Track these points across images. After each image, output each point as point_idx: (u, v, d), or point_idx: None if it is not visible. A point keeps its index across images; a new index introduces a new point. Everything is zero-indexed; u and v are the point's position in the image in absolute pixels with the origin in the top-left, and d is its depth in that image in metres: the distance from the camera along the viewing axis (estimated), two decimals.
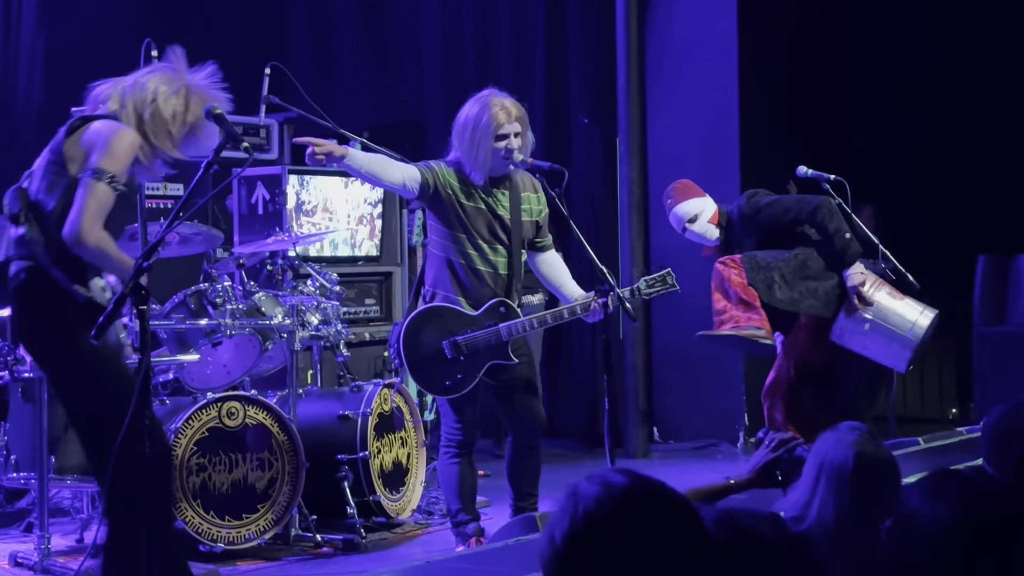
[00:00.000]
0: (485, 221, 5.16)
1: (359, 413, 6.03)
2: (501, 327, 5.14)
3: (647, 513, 1.87)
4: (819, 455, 3.08)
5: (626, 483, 1.89)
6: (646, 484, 1.90)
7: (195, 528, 5.44)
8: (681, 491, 1.96)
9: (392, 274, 7.89)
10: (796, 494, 3.10)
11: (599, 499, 1.87)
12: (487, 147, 5.10)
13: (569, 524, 1.86)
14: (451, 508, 5.37)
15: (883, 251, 6.18)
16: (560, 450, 7.85)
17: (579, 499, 1.88)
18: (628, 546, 1.84)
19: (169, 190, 7.57)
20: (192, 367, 5.87)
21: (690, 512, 1.91)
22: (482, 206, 5.16)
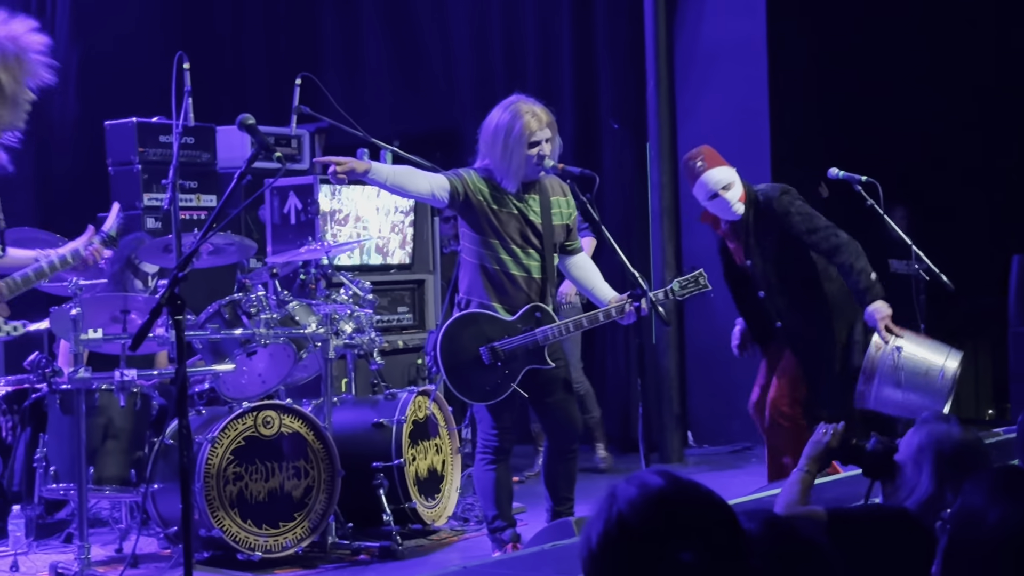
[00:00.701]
0: (517, 226, 5.17)
1: (394, 421, 6.05)
2: (537, 332, 5.15)
3: (680, 515, 1.88)
4: (930, 446, 3.13)
5: (662, 485, 1.90)
6: (681, 486, 1.91)
7: (232, 537, 5.47)
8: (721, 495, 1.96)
9: (424, 282, 7.92)
10: (920, 488, 3.13)
11: (634, 501, 1.88)
12: (520, 155, 5.11)
13: (603, 525, 1.88)
14: (487, 514, 5.37)
15: (916, 252, 6.15)
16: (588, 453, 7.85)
17: (615, 500, 1.89)
18: (660, 548, 1.85)
19: (202, 201, 7.63)
20: (227, 377, 5.90)
21: (725, 514, 1.92)
22: (514, 211, 5.18)
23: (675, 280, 5.36)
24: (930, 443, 3.18)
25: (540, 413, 5.37)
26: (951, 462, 3.13)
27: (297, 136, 8.07)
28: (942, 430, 3.20)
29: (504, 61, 9.09)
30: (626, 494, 1.90)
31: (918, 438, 3.21)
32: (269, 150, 4.10)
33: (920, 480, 3.16)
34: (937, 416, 3.29)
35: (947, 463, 3.13)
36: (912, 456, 3.21)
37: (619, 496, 1.91)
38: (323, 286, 6.38)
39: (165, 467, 5.59)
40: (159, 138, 7.52)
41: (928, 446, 3.18)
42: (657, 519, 1.86)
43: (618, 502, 1.89)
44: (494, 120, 5.19)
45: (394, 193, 5.34)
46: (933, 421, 3.26)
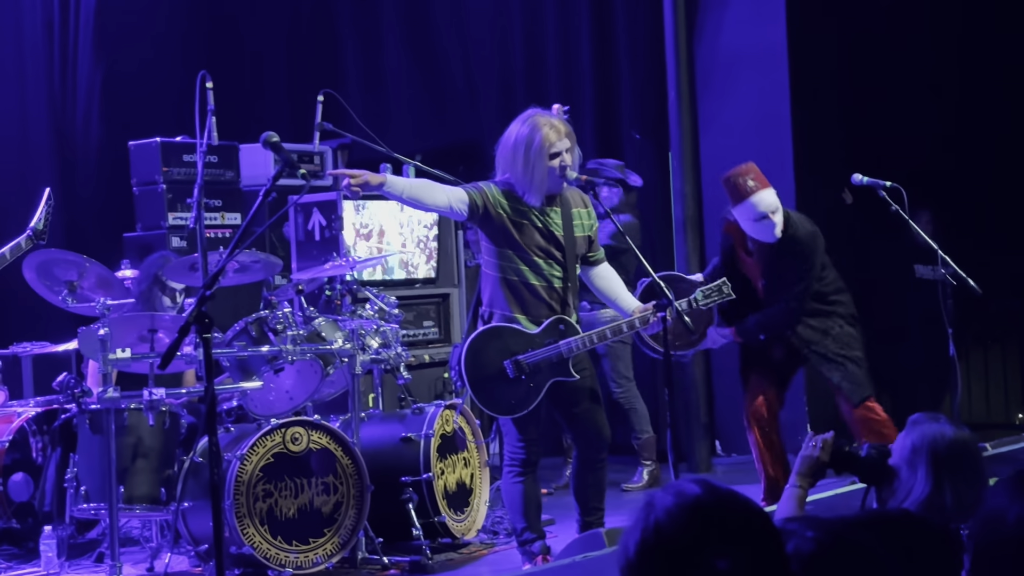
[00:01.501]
0: (539, 238, 5.17)
1: (422, 435, 6.05)
2: (561, 344, 5.15)
3: (717, 524, 1.88)
4: (925, 446, 3.14)
5: (698, 493, 1.91)
6: (719, 494, 1.91)
7: (263, 554, 5.48)
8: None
9: (450, 296, 7.93)
10: (916, 489, 3.14)
11: (671, 510, 1.89)
12: (543, 167, 5.10)
13: (641, 534, 1.89)
14: (516, 527, 5.37)
15: (942, 257, 6.13)
16: (620, 465, 7.82)
17: (653, 509, 1.91)
18: (696, 556, 1.85)
19: (227, 219, 7.66)
20: (255, 394, 5.92)
21: (763, 522, 1.92)
22: (536, 224, 5.18)
23: (698, 289, 5.35)
24: (923, 443, 3.19)
25: (568, 423, 5.36)
26: (945, 460, 3.15)
27: (320, 152, 8.09)
28: (934, 429, 3.21)
29: (525, 73, 9.10)
30: (663, 503, 1.91)
31: (911, 439, 3.22)
32: (293, 167, 4.12)
33: (916, 481, 3.17)
34: (928, 416, 3.29)
35: (941, 462, 3.15)
36: (906, 458, 3.22)
37: (656, 505, 1.92)
38: (349, 302, 6.39)
39: (195, 485, 5.60)
40: (183, 157, 7.56)
41: (922, 446, 3.19)
42: (693, 527, 1.87)
43: (655, 511, 1.91)
44: (513, 134, 5.19)
45: (411, 206, 5.34)
46: (924, 421, 3.26)
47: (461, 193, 5.17)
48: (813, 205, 8.06)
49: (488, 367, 5.15)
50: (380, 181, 5.05)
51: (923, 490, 3.16)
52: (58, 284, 6.25)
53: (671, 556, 1.87)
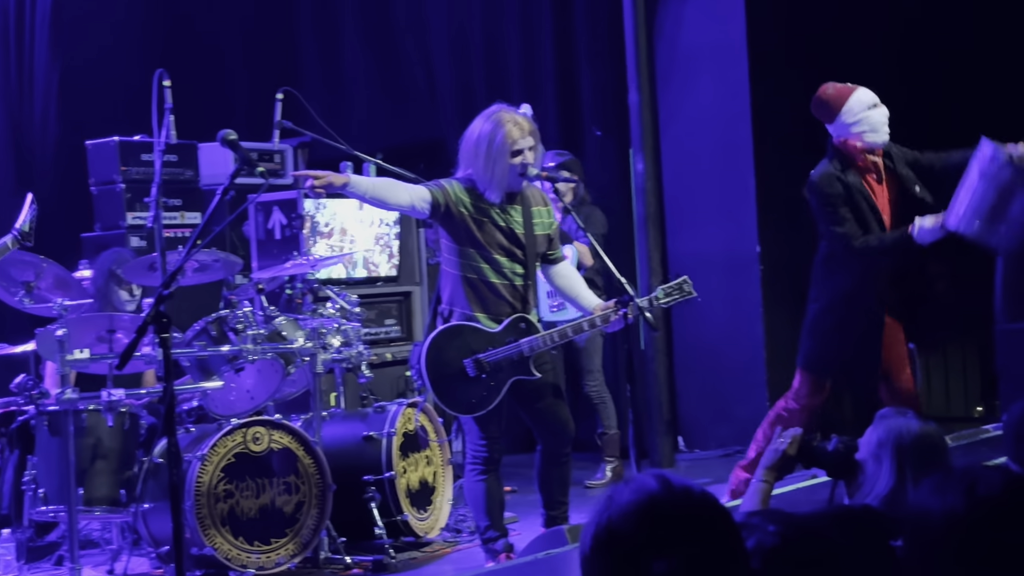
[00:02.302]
0: (499, 236, 5.17)
1: (384, 433, 6.03)
2: (523, 343, 5.14)
3: (664, 523, 1.89)
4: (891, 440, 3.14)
5: (654, 491, 1.91)
6: (674, 493, 1.91)
7: (225, 554, 5.45)
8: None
9: (411, 294, 7.91)
10: (880, 483, 3.15)
11: (625, 506, 1.89)
12: (504, 164, 5.10)
13: (595, 529, 1.89)
14: (479, 525, 5.37)
15: None
16: (584, 463, 7.83)
17: (611, 504, 1.91)
18: (637, 557, 1.86)
19: (186, 219, 7.61)
20: (215, 394, 5.88)
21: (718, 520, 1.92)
22: (498, 222, 5.17)
23: (659, 288, 5.35)
24: (889, 437, 3.20)
25: (532, 419, 5.36)
26: (910, 455, 3.15)
27: (280, 151, 8.05)
28: (900, 423, 3.22)
29: (486, 71, 9.09)
30: (621, 498, 1.92)
31: (877, 434, 3.23)
32: (252, 165, 4.10)
33: (881, 475, 3.18)
34: (896, 411, 3.30)
35: (906, 456, 3.15)
36: (872, 452, 3.23)
37: (614, 500, 1.93)
38: (310, 300, 6.37)
39: (155, 486, 5.56)
40: (141, 156, 7.50)
41: (887, 440, 3.20)
42: (640, 526, 1.88)
43: (612, 506, 1.91)
44: (476, 130, 5.18)
45: (374, 206, 5.33)
46: (891, 416, 3.27)
47: (423, 191, 5.15)
48: (774, 201, 8.11)
49: (448, 365, 5.14)
50: (343, 181, 5.04)
51: (887, 484, 3.17)
52: (15, 285, 6.19)
53: (616, 554, 1.88)
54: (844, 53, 8.33)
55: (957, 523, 2.07)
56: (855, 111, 5.75)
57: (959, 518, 2.07)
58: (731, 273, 8.19)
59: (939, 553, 2.09)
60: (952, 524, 2.08)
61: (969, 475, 2.14)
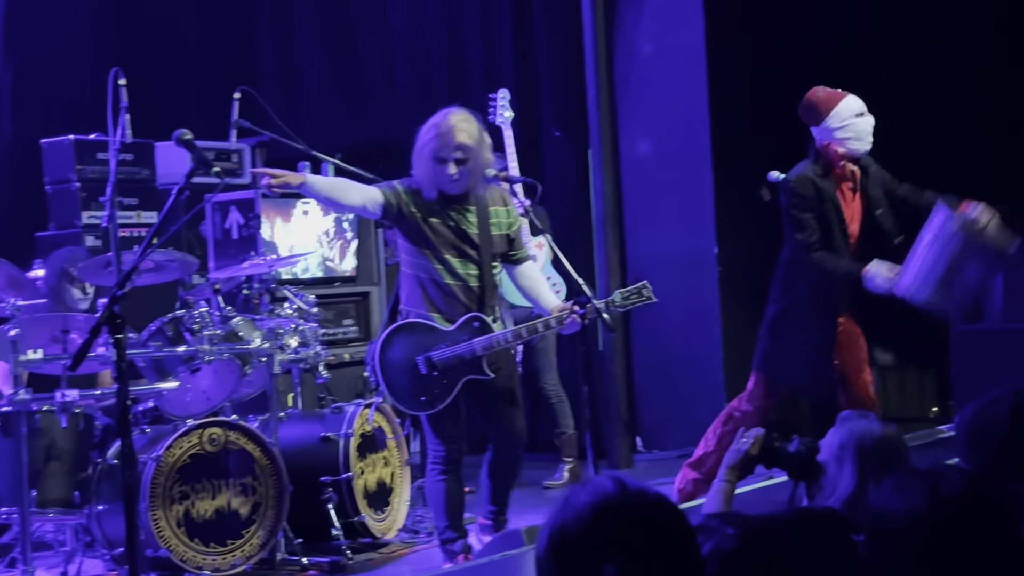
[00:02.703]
0: (452, 237, 5.17)
1: (341, 434, 6.01)
2: (475, 342, 5.14)
3: (617, 527, 1.89)
4: (852, 442, 3.15)
5: (610, 495, 1.91)
6: (629, 496, 1.92)
7: (180, 556, 5.41)
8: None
9: (369, 294, 7.88)
10: (841, 486, 3.16)
11: (582, 507, 1.89)
12: (430, 168, 5.12)
13: (548, 531, 1.89)
14: (438, 525, 5.36)
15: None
16: (541, 463, 7.84)
17: (566, 506, 1.91)
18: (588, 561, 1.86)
19: (142, 218, 7.55)
20: (171, 395, 5.84)
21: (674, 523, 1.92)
22: (449, 223, 5.17)
23: (617, 292, 5.36)
24: (851, 439, 3.21)
25: (486, 422, 5.36)
26: (872, 458, 3.16)
27: (237, 150, 8.00)
28: (862, 426, 3.23)
29: (446, 71, 9.08)
30: (576, 500, 1.92)
31: (839, 436, 3.24)
32: (207, 165, 4.08)
33: (842, 477, 3.19)
34: (857, 413, 3.32)
35: (868, 459, 3.16)
36: (834, 454, 3.24)
37: (570, 502, 1.93)
38: (267, 301, 6.33)
39: (109, 488, 5.52)
40: (97, 155, 7.43)
41: (849, 442, 3.20)
42: (593, 530, 1.88)
43: (568, 508, 1.91)
44: (420, 133, 5.24)
45: (328, 206, 5.36)
46: (853, 418, 3.28)
47: (375, 193, 5.17)
48: (731, 202, 8.14)
49: (401, 364, 5.16)
50: (300, 180, 5.06)
51: (849, 486, 3.18)
52: None
53: (569, 556, 1.88)
54: (803, 57, 8.38)
55: (919, 523, 2.08)
56: (842, 117, 5.77)
57: (921, 518, 2.08)
58: (689, 274, 8.22)
59: (900, 553, 2.10)
60: (914, 524, 2.08)
61: (931, 475, 2.15)
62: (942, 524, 2.08)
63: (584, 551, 1.86)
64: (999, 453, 2.86)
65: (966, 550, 2.07)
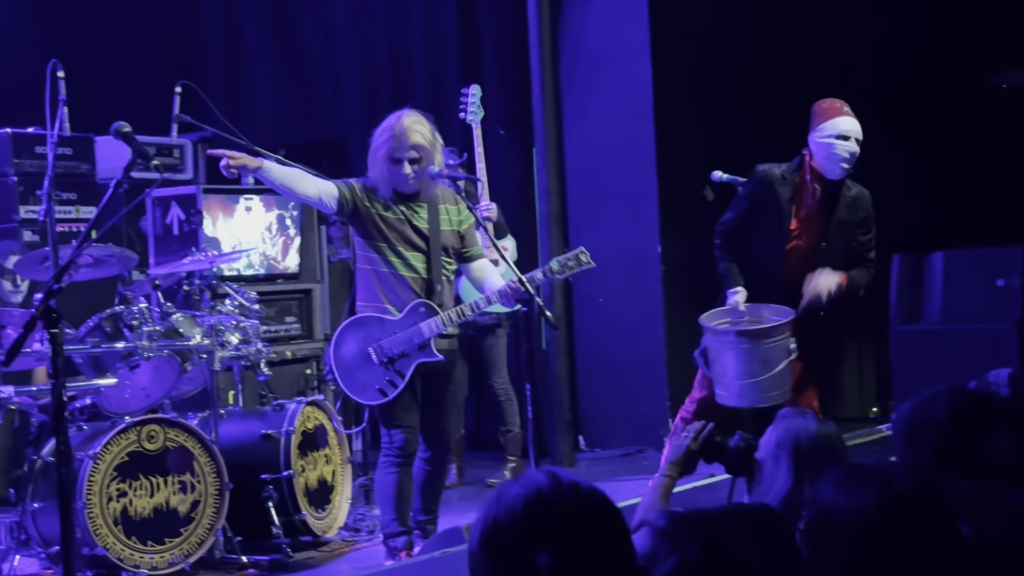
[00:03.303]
0: (405, 231, 5.26)
1: (282, 432, 5.97)
2: (421, 324, 5.20)
3: (550, 518, 1.89)
4: (789, 441, 3.15)
5: (541, 487, 1.92)
6: (561, 489, 1.93)
7: (117, 555, 5.35)
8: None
9: (312, 291, 7.83)
10: (777, 483, 3.16)
11: (515, 500, 1.90)
12: (385, 168, 5.21)
13: (482, 525, 1.90)
14: (384, 518, 5.35)
15: None
16: (485, 462, 7.84)
17: (500, 500, 1.92)
18: (522, 551, 1.86)
19: (81, 213, 7.47)
20: (110, 391, 5.78)
21: (609, 507, 1.93)
22: (400, 217, 5.27)
23: (554, 259, 5.38)
24: (787, 438, 3.21)
25: (424, 420, 5.36)
26: (808, 456, 3.17)
27: (179, 145, 7.93)
28: (799, 424, 3.24)
29: (390, 69, 9.05)
30: (509, 494, 1.93)
31: (776, 434, 3.25)
32: (146, 158, 4.03)
33: (778, 475, 3.20)
34: (795, 411, 3.32)
35: (804, 457, 3.17)
36: (771, 452, 3.25)
37: (503, 496, 1.94)
38: (208, 297, 6.28)
39: (45, 485, 5.45)
40: (35, 149, 7.35)
41: (785, 441, 3.21)
42: (526, 521, 1.89)
43: (501, 502, 1.92)
44: (374, 136, 5.30)
45: (282, 193, 5.37)
46: (791, 416, 3.29)
47: (331, 187, 5.25)
48: (675, 201, 8.17)
49: (354, 356, 5.22)
50: (256, 165, 5.14)
51: (785, 485, 3.19)
52: None
53: (501, 548, 1.88)
54: (748, 55, 8.43)
55: (867, 520, 2.08)
56: (825, 132, 5.79)
57: (870, 515, 2.08)
58: (633, 273, 8.24)
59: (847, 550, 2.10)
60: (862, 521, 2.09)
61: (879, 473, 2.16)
62: (891, 521, 2.08)
63: (517, 542, 1.87)
64: (937, 450, 2.86)
65: (913, 547, 2.07)
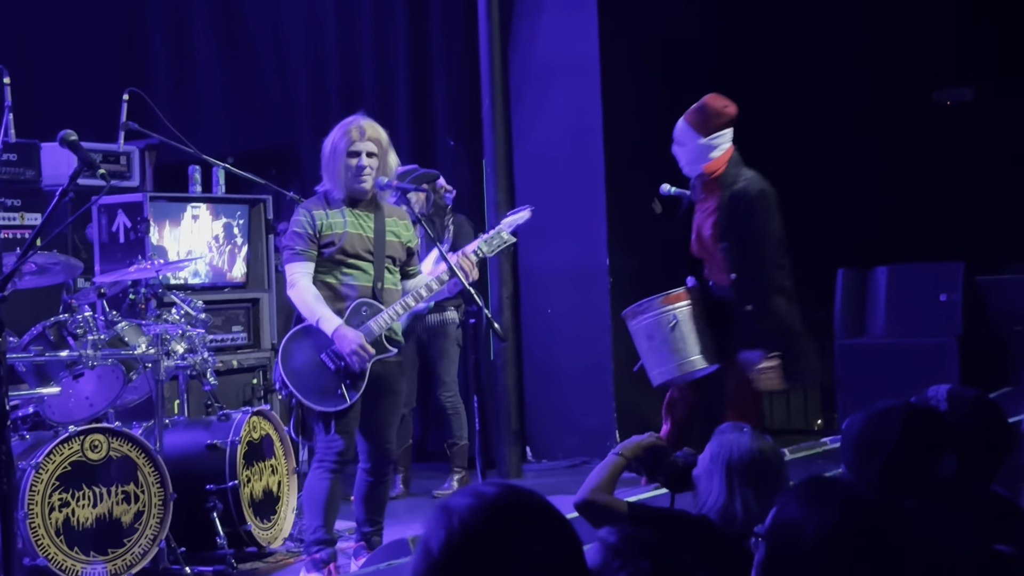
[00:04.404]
0: (352, 241, 5.27)
1: (227, 442, 5.94)
2: (369, 323, 5.22)
3: (519, 518, 1.91)
4: (723, 455, 3.18)
5: (496, 492, 1.94)
6: (516, 492, 1.95)
7: (58, 565, 5.30)
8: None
9: (259, 300, 7.80)
10: (711, 497, 3.19)
11: (472, 508, 1.91)
12: (341, 164, 5.27)
13: (445, 534, 1.89)
14: (310, 524, 5.31)
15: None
16: (432, 473, 7.83)
17: (452, 511, 1.92)
18: (503, 550, 1.87)
19: (26, 220, 7.39)
20: (53, 400, 5.73)
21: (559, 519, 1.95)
22: (349, 229, 5.28)
23: (481, 240, 5.40)
24: (721, 453, 3.25)
25: (366, 432, 5.35)
26: (740, 471, 3.20)
27: (126, 153, 7.87)
28: (732, 439, 3.26)
29: (340, 78, 9.04)
30: (462, 503, 1.93)
31: (711, 448, 3.28)
32: (92, 166, 4.01)
33: (712, 489, 3.22)
34: (733, 426, 3.35)
35: (735, 472, 3.20)
36: (705, 466, 3.28)
37: (455, 507, 1.94)
38: (154, 306, 6.23)
39: None
40: None
41: (719, 456, 3.24)
42: (498, 521, 1.89)
43: (457, 511, 1.92)
44: (328, 140, 5.36)
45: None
46: (728, 431, 3.32)
47: (308, 269, 5.25)
48: (623, 214, 8.21)
49: (307, 365, 5.20)
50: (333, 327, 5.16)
51: (718, 499, 3.21)
52: None
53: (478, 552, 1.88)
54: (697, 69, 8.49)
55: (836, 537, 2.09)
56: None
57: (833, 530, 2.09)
58: (581, 285, 8.28)
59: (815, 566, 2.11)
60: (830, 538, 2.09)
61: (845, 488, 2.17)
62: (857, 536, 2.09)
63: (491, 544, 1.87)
64: (886, 465, 2.88)
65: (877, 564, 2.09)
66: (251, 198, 7.76)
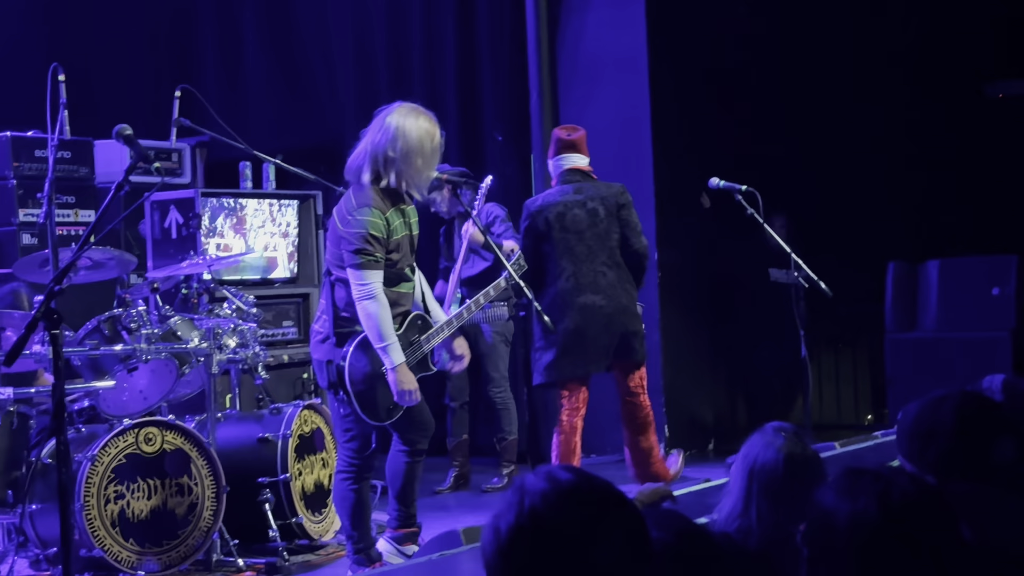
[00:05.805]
0: (407, 243, 5.07)
1: (279, 435, 5.99)
2: (422, 341, 5.12)
3: (591, 509, 1.90)
4: (748, 460, 3.12)
5: (572, 479, 1.92)
6: (591, 481, 1.93)
7: (114, 556, 5.37)
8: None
9: (309, 295, 7.85)
10: (729, 501, 3.14)
11: (545, 493, 1.89)
12: (429, 161, 4.96)
13: (515, 517, 1.88)
14: (353, 534, 5.20)
15: (796, 260, 6.27)
16: (481, 467, 7.85)
17: (525, 493, 1.91)
18: (571, 540, 1.86)
19: (80, 216, 7.48)
20: (108, 394, 5.79)
21: (634, 511, 1.94)
22: (405, 231, 5.06)
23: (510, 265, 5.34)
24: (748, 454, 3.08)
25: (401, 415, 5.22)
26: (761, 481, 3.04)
27: (178, 150, 7.95)
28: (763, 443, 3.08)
29: (388, 74, 9.07)
30: (537, 487, 1.91)
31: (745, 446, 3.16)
32: (147, 161, 4.04)
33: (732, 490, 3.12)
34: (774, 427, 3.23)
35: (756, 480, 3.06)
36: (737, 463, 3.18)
37: (529, 489, 1.92)
38: (206, 300, 6.28)
39: (43, 487, 5.46)
40: (35, 152, 7.36)
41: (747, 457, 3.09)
42: (569, 512, 1.88)
43: (529, 494, 1.90)
44: (411, 129, 4.93)
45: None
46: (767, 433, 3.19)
47: (381, 275, 4.92)
48: (672, 208, 8.19)
49: (366, 375, 4.99)
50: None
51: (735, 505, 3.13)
52: None
53: (545, 539, 1.86)
54: (744, 64, 8.46)
55: (870, 526, 2.09)
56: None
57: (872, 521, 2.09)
58: None
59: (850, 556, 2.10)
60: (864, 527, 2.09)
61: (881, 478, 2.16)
62: (891, 526, 2.08)
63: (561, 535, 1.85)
64: (943, 453, 2.87)
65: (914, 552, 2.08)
66: (301, 194, 7.81)
